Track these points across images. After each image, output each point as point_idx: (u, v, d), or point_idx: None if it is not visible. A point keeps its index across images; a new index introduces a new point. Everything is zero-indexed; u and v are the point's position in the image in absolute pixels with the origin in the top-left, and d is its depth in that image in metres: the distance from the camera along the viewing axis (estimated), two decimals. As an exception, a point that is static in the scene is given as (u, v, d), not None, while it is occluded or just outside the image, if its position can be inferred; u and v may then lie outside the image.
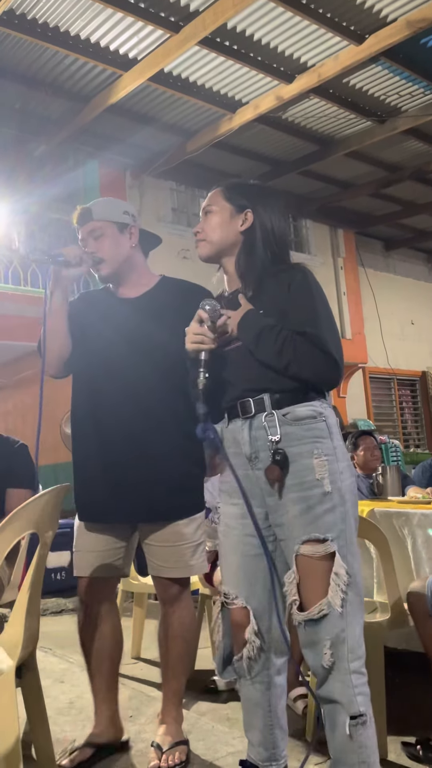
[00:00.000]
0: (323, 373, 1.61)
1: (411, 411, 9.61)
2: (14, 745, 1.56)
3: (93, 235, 2.07)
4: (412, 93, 5.59)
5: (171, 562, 2.02)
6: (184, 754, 2.00)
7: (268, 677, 1.70)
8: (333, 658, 1.50)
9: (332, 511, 1.55)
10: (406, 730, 2.18)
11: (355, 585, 1.54)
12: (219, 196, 1.79)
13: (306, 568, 1.54)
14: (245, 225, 1.74)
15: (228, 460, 1.70)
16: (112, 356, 2.03)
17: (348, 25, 4.66)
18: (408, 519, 2.49)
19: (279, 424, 1.60)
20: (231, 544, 1.70)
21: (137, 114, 5.77)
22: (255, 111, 5.55)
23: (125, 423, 1.98)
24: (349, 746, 1.51)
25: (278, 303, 1.65)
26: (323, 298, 1.69)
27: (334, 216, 8.28)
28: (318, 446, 1.58)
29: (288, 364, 1.58)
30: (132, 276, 2.12)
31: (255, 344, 1.62)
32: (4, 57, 4.91)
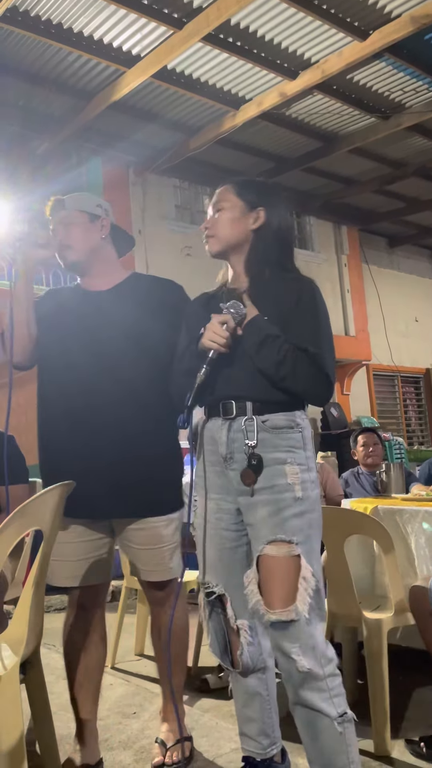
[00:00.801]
0: (316, 391, 1.66)
1: (415, 408, 9.59)
2: (18, 740, 1.56)
3: (63, 222, 2.06)
4: (416, 89, 5.57)
5: (151, 565, 1.98)
6: (188, 750, 2.01)
7: (262, 662, 1.76)
8: (309, 665, 1.52)
9: (300, 516, 1.60)
10: (409, 728, 2.18)
11: (319, 590, 1.58)
12: (230, 192, 1.78)
13: (270, 568, 1.58)
14: (257, 223, 1.75)
15: (194, 453, 1.75)
16: (85, 348, 1.97)
17: (352, 21, 4.64)
18: (411, 516, 2.48)
19: (257, 430, 1.64)
20: (208, 536, 1.75)
21: (140, 111, 5.76)
22: (258, 107, 5.54)
23: (100, 417, 1.92)
24: (339, 748, 1.53)
25: (283, 312, 1.67)
26: (327, 317, 1.73)
27: (338, 213, 8.26)
28: (291, 455, 1.63)
29: (285, 376, 1.62)
30: (100, 267, 2.07)
31: (257, 350, 1.64)
32: (8, 54, 4.91)
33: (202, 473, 1.77)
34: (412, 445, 9.03)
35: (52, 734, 1.89)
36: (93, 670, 2.01)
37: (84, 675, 1.99)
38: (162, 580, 2.00)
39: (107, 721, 2.40)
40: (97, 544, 1.99)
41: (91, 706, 2.00)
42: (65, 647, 2.02)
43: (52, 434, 2.00)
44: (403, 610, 2.22)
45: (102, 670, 2.06)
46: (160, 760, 1.97)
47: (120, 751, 2.16)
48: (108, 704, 2.57)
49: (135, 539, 1.97)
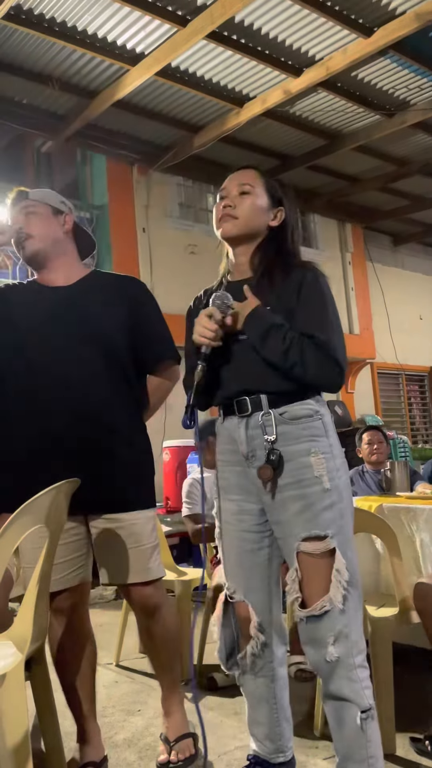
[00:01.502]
0: (327, 378, 1.61)
1: (419, 406, 9.57)
2: (23, 738, 1.56)
3: (24, 211, 1.99)
4: (421, 86, 5.55)
5: (128, 566, 1.89)
6: (192, 746, 1.99)
7: (271, 670, 1.71)
8: (337, 653, 1.50)
9: (331, 508, 1.56)
10: (414, 726, 2.18)
11: (354, 580, 1.55)
12: (259, 180, 1.73)
13: (307, 565, 1.55)
14: (276, 221, 1.73)
15: (202, 452, 1.69)
16: (49, 344, 1.91)
17: (356, 18, 4.62)
18: (416, 515, 2.48)
19: (275, 423, 1.60)
20: (229, 539, 1.71)
21: (144, 109, 5.76)
22: (263, 105, 5.52)
23: (64, 414, 1.87)
24: (359, 742, 1.51)
25: (286, 301, 1.63)
26: (333, 301, 1.68)
27: (342, 210, 8.24)
28: (315, 444, 1.59)
29: (293, 365, 1.57)
30: (60, 262, 2.00)
31: (262, 342, 1.60)
32: (12, 52, 4.91)
33: (224, 474, 1.72)
34: (417, 443, 9.02)
35: (57, 732, 1.89)
36: (86, 670, 1.98)
37: (78, 677, 1.96)
38: (142, 581, 1.91)
39: (111, 718, 2.40)
40: (77, 545, 1.93)
41: (90, 705, 1.98)
42: (55, 652, 1.97)
43: (20, 438, 1.92)
44: (408, 608, 2.22)
45: (95, 669, 2.03)
46: (165, 758, 1.96)
47: (124, 748, 2.16)
48: (112, 701, 2.58)
49: (112, 539, 1.90)
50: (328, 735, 2.12)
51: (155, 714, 2.42)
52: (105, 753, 1.99)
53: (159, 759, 1.97)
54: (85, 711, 1.97)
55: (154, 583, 1.93)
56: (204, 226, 7.22)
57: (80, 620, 1.98)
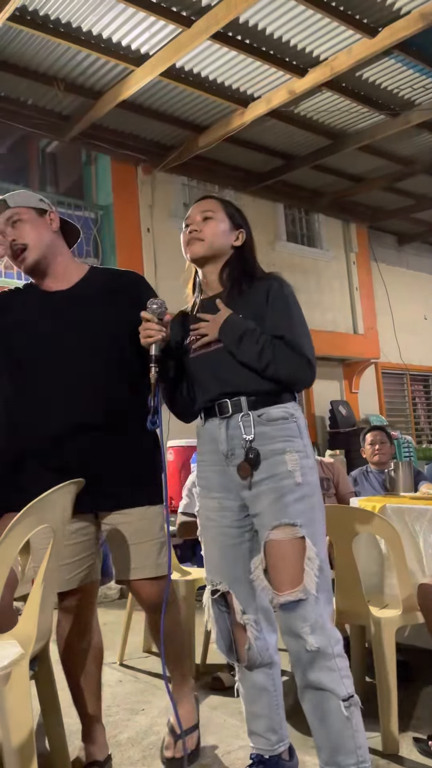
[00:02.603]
0: (298, 373, 1.74)
1: (424, 406, 9.56)
2: (28, 736, 1.57)
3: (11, 221, 1.94)
4: (426, 86, 5.54)
5: (138, 561, 1.91)
6: (195, 740, 2.01)
7: (269, 658, 1.80)
8: (317, 644, 1.57)
9: (302, 501, 1.66)
10: (417, 726, 2.18)
11: (325, 570, 1.64)
12: (219, 207, 1.90)
13: (277, 552, 1.64)
14: (239, 242, 1.88)
15: (163, 460, 1.88)
16: (54, 349, 1.91)
17: (361, 18, 4.62)
18: (420, 515, 2.48)
19: (254, 424, 1.71)
20: (211, 535, 1.81)
21: (149, 109, 5.77)
22: (267, 105, 5.53)
23: (73, 415, 1.89)
24: (346, 732, 1.56)
25: (255, 309, 1.77)
26: (298, 305, 1.81)
27: (347, 210, 8.23)
28: (290, 444, 1.70)
29: (267, 364, 1.71)
30: (59, 265, 1.98)
31: (237, 346, 1.73)
32: (17, 53, 4.93)
33: (204, 474, 1.84)
34: (421, 443, 9.00)
35: (61, 730, 1.90)
36: (92, 669, 1.99)
37: (84, 676, 1.97)
38: (150, 577, 1.92)
39: (115, 717, 2.41)
40: (86, 545, 1.95)
41: (95, 704, 2.00)
42: (62, 651, 1.97)
43: (28, 440, 1.93)
44: (412, 608, 2.22)
45: (101, 668, 2.04)
46: (170, 754, 1.97)
47: (128, 747, 2.17)
48: (116, 701, 2.58)
49: (120, 536, 1.92)
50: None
51: (159, 713, 2.43)
52: (109, 752, 2.00)
53: (165, 754, 1.98)
54: (90, 710, 1.98)
55: (162, 578, 1.93)
56: (208, 226, 7.22)
57: (88, 619, 1.99)
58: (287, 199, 7.71)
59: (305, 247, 8.09)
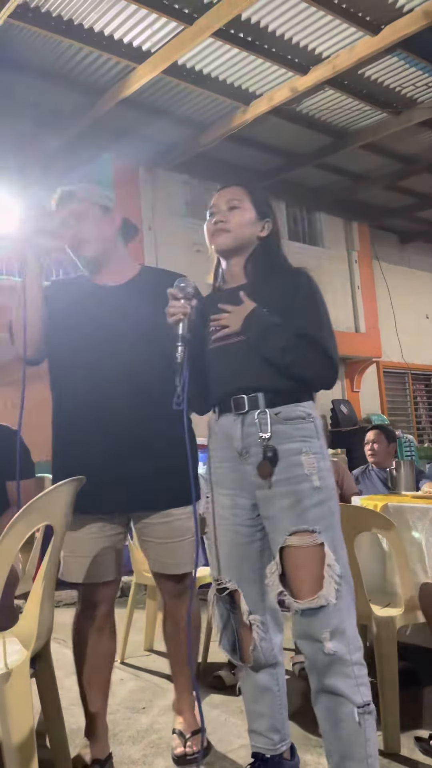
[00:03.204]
0: (322, 374, 1.70)
1: (425, 405, 9.55)
2: (29, 734, 1.57)
3: (76, 215, 1.99)
4: (429, 84, 5.52)
5: (172, 558, 1.99)
6: (205, 741, 2.04)
7: (273, 658, 1.77)
8: (335, 649, 1.53)
9: (320, 505, 1.62)
10: (419, 726, 2.18)
11: (347, 577, 1.60)
12: (245, 196, 1.83)
13: (295, 559, 1.60)
14: (264, 232, 1.82)
15: (189, 444, 1.79)
16: (99, 345, 1.95)
17: (364, 15, 4.61)
18: (422, 514, 2.47)
19: (271, 423, 1.67)
20: (222, 532, 1.77)
21: (151, 107, 5.75)
22: (269, 103, 5.51)
23: (116, 413, 1.92)
24: (358, 739, 1.53)
25: (282, 304, 1.72)
26: (324, 303, 1.78)
27: (349, 209, 8.22)
28: (307, 445, 1.66)
29: (291, 362, 1.66)
30: (114, 261, 2.05)
31: (261, 341, 1.69)
32: (18, 51, 4.91)
33: (217, 469, 1.79)
34: (423, 442, 8.99)
35: (62, 729, 1.90)
36: (103, 666, 2.01)
37: (94, 671, 1.99)
38: (181, 573, 2.01)
39: (116, 715, 2.41)
40: (113, 540, 2.00)
41: (102, 702, 2.01)
42: (75, 644, 2.01)
43: (69, 431, 1.98)
44: (414, 607, 2.21)
45: (111, 666, 2.06)
46: (182, 750, 1.99)
47: (129, 745, 2.16)
48: (117, 699, 2.58)
49: (156, 533, 1.99)
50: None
51: (160, 712, 2.43)
52: (110, 751, 2.00)
53: (175, 752, 2.01)
54: (96, 707, 1.99)
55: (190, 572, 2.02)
56: (210, 225, 7.21)
57: (106, 616, 2.02)
58: (289, 198, 7.70)
59: (307, 245, 8.08)
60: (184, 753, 1.98)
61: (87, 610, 2.00)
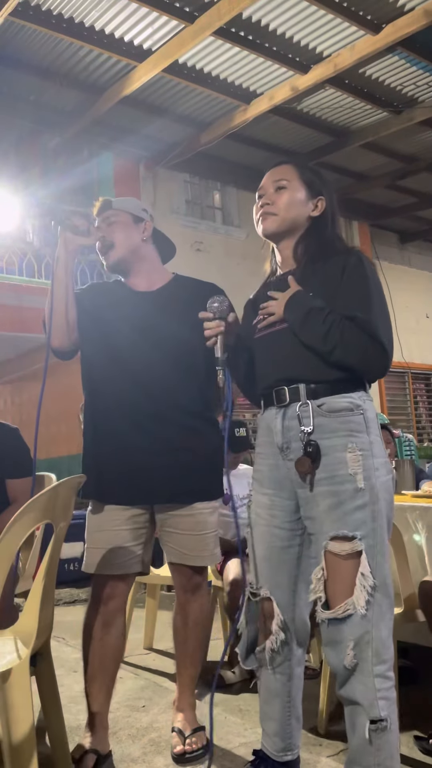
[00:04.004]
0: (369, 359, 1.55)
1: (425, 405, 9.55)
2: (29, 732, 1.57)
3: (107, 221, 2.12)
4: (429, 83, 5.53)
5: (197, 550, 2.04)
6: (205, 738, 2.04)
7: (289, 668, 1.69)
8: (356, 659, 1.46)
9: (363, 509, 1.50)
10: (418, 725, 2.18)
11: (383, 587, 1.50)
12: (294, 173, 1.72)
13: (333, 565, 1.51)
14: (317, 211, 1.71)
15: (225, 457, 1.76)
16: (133, 347, 2.04)
17: (364, 14, 4.61)
18: (422, 513, 2.47)
19: (313, 415, 1.55)
20: (259, 534, 1.68)
21: (151, 105, 5.75)
22: (270, 102, 5.52)
23: (149, 413, 2.01)
24: (366, 749, 1.47)
25: (329, 286, 1.60)
26: (378, 284, 1.63)
27: (349, 208, 8.21)
28: (353, 440, 1.53)
29: (334, 348, 1.53)
30: (142, 268, 2.14)
31: (301, 325, 1.57)
32: (19, 49, 4.91)
33: (259, 467, 1.71)
34: (423, 441, 9.00)
35: (62, 726, 1.90)
36: (110, 662, 2.02)
37: (100, 667, 2.01)
38: (203, 566, 2.08)
39: (116, 714, 2.41)
40: (139, 533, 2.04)
41: (104, 699, 2.02)
42: (85, 638, 2.03)
43: (105, 428, 2.06)
44: (413, 606, 2.21)
45: (118, 664, 2.07)
46: (182, 749, 1.99)
47: (129, 744, 2.16)
48: (117, 697, 2.58)
49: (181, 525, 2.03)
50: (333, 733, 2.13)
51: (159, 710, 2.43)
52: (110, 749, 2.01)
53: (175, 750, 2.01)
54: (99, 703, 2.00)
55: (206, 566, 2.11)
56: (210, 223, 7.21)
57: (116, 612, 2.04)
58: (289, 197, 7.69)
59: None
60: (183, 751, 1.99)
61: (99, 605, 2.02)
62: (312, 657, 2.69)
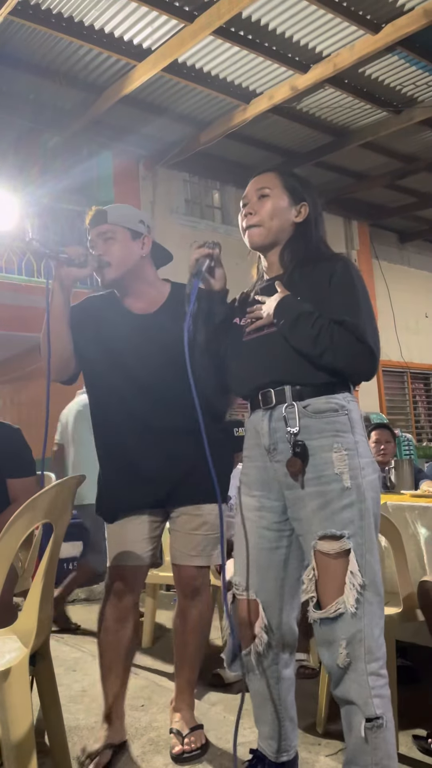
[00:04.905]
0: (358, 363, 1.58)
1: (424, 405, 9.56)
2: (28, 732, 1.57)
3: (103, 237, 2.01)
4: (429, 83, 5.53)
5: (197, 550, 2.06)
6: (203, 737, 2.05)
7: (276, 672, 1.69)
8: (349, 658, 1.47)
9: (350, 507, 1.52)
10: (417, 724, 2.18)
11: (373, 585, 1.51)
12: (277, 181, 1.74)
13: (322, 564, 1.52)
14: (300, 217, 1.73)
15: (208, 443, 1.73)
16: (134, 370, 2.01)
17: (364, 14, 4.61)
18: (421, 513, 2.47)
19: (299, 416, 1.57)
20: (246, 535, 1.69)
21: (151, 105, 5.75)
22: (269, 101, 5.52)
23: (156, 427, 2.01)
24: (363, 748, 1.48)
25: (317, 291, 1.62)
26: (365, 289, 1.65)
27: (349, 208, 8.22)
28: (338, 440, 1.55)
29: (323, 351, 1.55)
30: (139, 286, 2.07)
31: (291, 329, 1.59)
32: (19, 48, 4.91)
33: (247, 469, 1.73)
34: (421, 441, 9.00)
35: (61, 726, 1.90)
36: (125, 655, 2.06)
37: (116, 659, 2.04)
38: (202, 567, 2.08)
39: (115, 713, 2.41)
40: (153, 527, 2.08)
41: (120, 689, 2.06)
42: (100, 632, 2.07)
43: (117, 441, 2.06)
44: (412, 606, 2.21)
45: (133, 656, 2.12)
46: (180, 749, 2.00)
47: (128, 742, 2.16)
48: (116, 697, 2.58)
49: (185, 524, 2.06)
50: (331, 732, 2.13)
51: (159, 709, 2.43)
52: (125, 738, 2.06)
53: (174, 750, 2.02)
54: (113, 693, 2.04)
55: (207, 568, 2.11)
56: (209, 223, 7.21)
57: (133, 607, 2.07)
58: (289, 196, 7.70)
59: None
60: (182, 751, 1.99)
61: (112, 599, 2.05)
62: (312, 657, 2.69)
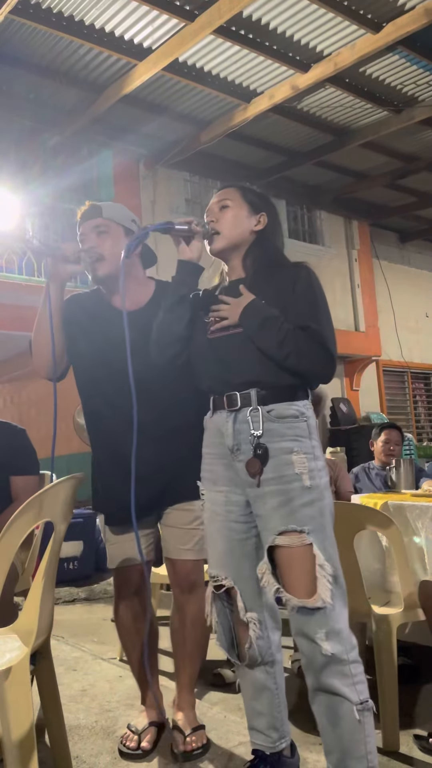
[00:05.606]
0: (320, 367, 1.69)
1: (424, 404, 9.56)
2: (28, 731, 1.57)
3: (97, 230, 2.03)
4: (429, 82, 5.53)
5: (190, 544, 2.07)
6: (204, 737, 2.06)
7: (271, 656, 1.77)
8: (332, 650, 1.54)
9: (311, 505, 1.62)
10: (418, 723, 2.18)
11: (338, 577, 1.61)
12: (237, 194, 1.85)
13: (285, 558, 1.61)
14: (259, 226, 1.83)
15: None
16: (120, 370, 1.95)
17: (365, 13, 4.61)
18: (422, 512, 2.47)
19: (262, 420, 1.67)
20: (217, 529, 1.77)
21: (151, 104, 5.75)
22: (270, 101, 5.51)
23: (146, 425, 1.96)
24: (358, 737, 1.53)
25: (281, 298, 1.72)
26: (324, 297, 1.76)
27: (349, 207, 8.22)
28: (298, 444, 1.65)
29: (288, 355, 1.65)
30: (129, 284, 2.03)
31: (258, 332, 1.68)
32: (19, 47, 4.91)
33: (209, 467, 1.80)
34: (422, 441, 9.00)
35: (61, 725, 1.90)
36: (149, 645, 2.08)
37: (142, 652, 2.07)
38: (196, 559, 2.10)
39: (115, 712, 2.41)
40: (150, 522, 2.11)
41: (152, 674, 2.10)
42: (120, 631, 2.15)
43: (110, 440, 2.07)
44: (413, 605, 2.21)
45: (157, 642, 2.24)
46: (182, 748, 2.00)
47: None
48: (117, 696, 2.58)
49: (178, 520, 2.08)
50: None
51: (159, 709, 2.43)
52: (165, 718, 2.12)
53: (176, 749, 2.02)
54: (146, 680, 2.11)
55: (201, 561, 2.11)
56: (210, 222, 7.20)
57: (145, 604, 2.12)
58: (289, 196, 7.70)
59: (307, 243, 8.08)
60: (183, 750, 1.99)
61: (123, 600, 2.12)
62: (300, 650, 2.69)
